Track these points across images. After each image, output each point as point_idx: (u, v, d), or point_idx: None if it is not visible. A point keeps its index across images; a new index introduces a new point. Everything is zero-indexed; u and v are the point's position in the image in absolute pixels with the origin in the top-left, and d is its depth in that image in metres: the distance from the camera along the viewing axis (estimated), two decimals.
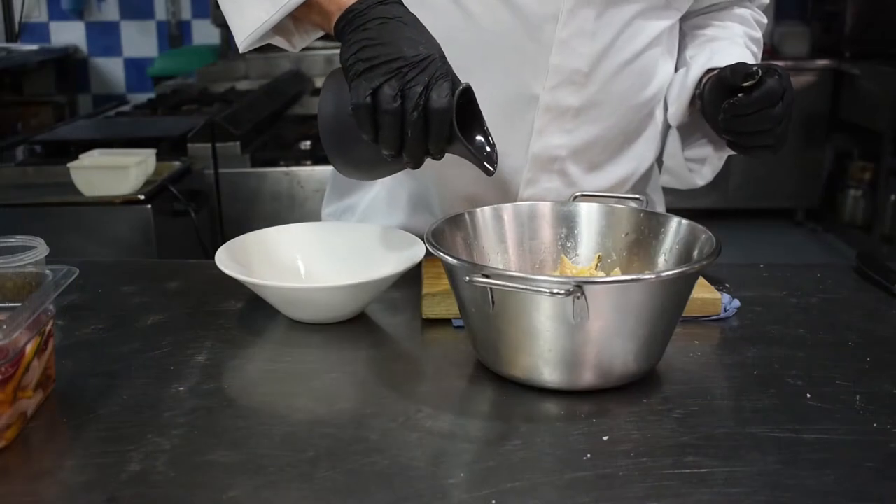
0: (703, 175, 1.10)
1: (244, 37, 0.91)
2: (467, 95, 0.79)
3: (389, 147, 0.78)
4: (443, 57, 0.78)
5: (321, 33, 0.94)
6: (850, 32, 4.23)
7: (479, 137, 0.81)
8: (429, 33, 0.80)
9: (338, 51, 0.82)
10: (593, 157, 1.05)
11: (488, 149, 0.81)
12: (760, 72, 0.89)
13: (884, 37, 4.13)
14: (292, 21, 0.93)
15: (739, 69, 0.91)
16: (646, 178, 1.13)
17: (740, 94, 0.91)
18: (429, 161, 0.81)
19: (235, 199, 2.27)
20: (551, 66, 0.97)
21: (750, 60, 1.04)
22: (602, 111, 1.01)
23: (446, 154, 0.81)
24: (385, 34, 0.78)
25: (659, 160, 1.14)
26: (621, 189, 1.08)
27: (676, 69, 1.09)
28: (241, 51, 0.94)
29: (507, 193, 1.03)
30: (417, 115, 0.76)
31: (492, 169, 0.80)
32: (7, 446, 0.65)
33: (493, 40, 0.96)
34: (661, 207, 1.18)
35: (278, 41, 0.95)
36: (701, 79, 1.03)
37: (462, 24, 0.96)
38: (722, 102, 0.93)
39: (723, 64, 0.97)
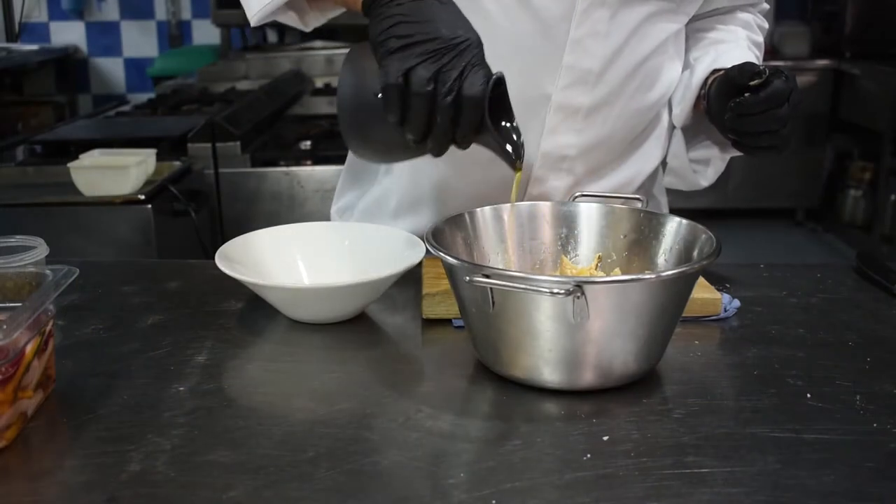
0: (706, 176, 1.10)
1: (256, 10, 0.89)
2: (499, 86, 0.76)
3: (415, 132, 0.75)
4: (479, 43, 0.75)
5: (336, 12, 0.90)
6: (850, 32, 4.24)
7: (508, 129, 0.78)
8: (465, 17, 0.77)
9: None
10: (601, 157, 1.05)
11: (515, 141, 0.78)
12: (768, 71, 0.89)
13: (884, 37, 4.13)
14: None
15: (747, 68, 0.91)
16: (651, 179, 1.13)
17: (747, 94, 0.91)
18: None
19: (235, 199, 2.27)
20: (564, 65, 0.98)
21: None
22: (611, 112, 1.02)
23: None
24: (420, 12, 0.75)
25: (663, 161, 1.14)
26: (627, 189, 1.08)
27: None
28: (252, 24, 0.91)
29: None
30: (450, 102, 0.73)
31: (518, 162, 0.78)
32: (7, 446, 0.65)
33: (508, 39, 0.95)
34: (665, 209, 1.18)
35: (290, 17, 0.92)
36: (706, 79, 1.03)
37: (478, 22, 0.95)
38: (728, 102, 0.93)
39: (728, 65, 0.97)
